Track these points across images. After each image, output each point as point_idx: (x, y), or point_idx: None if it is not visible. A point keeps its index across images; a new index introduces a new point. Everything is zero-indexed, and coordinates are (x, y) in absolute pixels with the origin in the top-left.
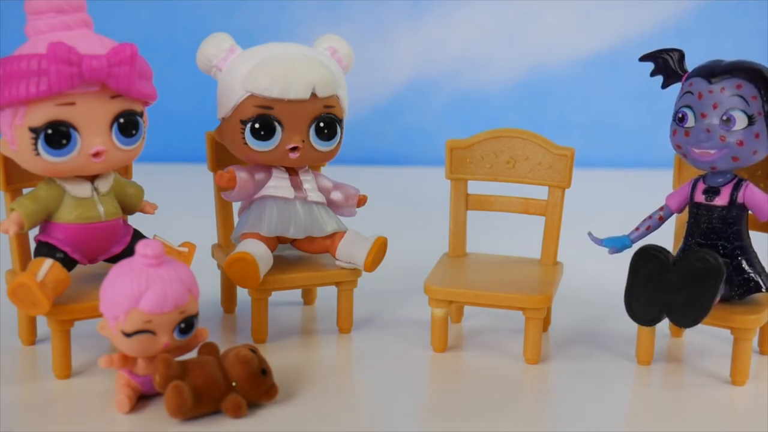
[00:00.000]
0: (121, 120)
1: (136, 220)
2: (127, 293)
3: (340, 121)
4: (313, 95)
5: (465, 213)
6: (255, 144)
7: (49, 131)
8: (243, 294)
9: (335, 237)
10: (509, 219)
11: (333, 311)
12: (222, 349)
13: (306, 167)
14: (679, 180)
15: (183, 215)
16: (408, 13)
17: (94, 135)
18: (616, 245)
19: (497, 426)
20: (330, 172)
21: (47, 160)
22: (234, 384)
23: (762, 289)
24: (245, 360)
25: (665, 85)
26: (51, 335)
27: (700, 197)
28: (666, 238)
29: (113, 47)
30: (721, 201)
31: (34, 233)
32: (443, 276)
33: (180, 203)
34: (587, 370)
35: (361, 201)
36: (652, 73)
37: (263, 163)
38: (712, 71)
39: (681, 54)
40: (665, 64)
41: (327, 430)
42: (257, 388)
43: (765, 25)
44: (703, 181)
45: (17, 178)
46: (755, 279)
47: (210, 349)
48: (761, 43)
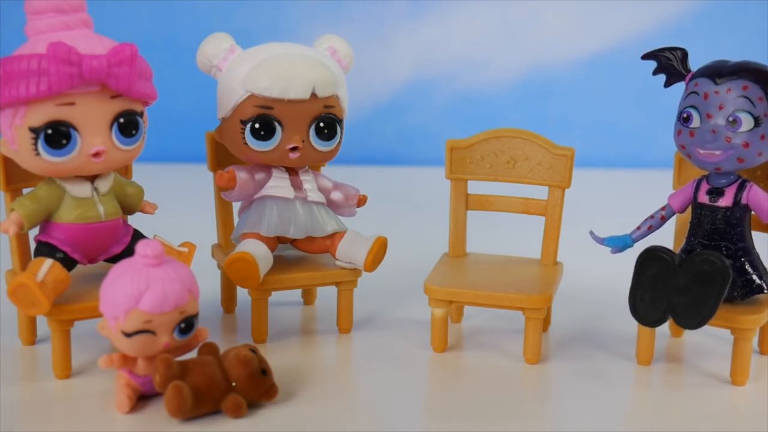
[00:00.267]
0: (121, 120)
1: (136, 220)
2: (127, 293)
3: (340, 121)
4: (313, 95)
5: (465, 213)
6: (255, 144)
7: (49, 131)
8: (243, 294)
9: (335, 237)
10: (509, 219)
11: (333, 311)
12: (222, 349)
13: (306, 167)
14: (679, 180)
15: (183, 215)
16: (408, 13)
17: (94, 135)
18: (617, 244)
19: (497, 426)
20: (330, 172)
21: (47, 160)
22: (234, 384)
23: (764, 291)
24: (245, 360)
25: (668, 84)
26: (51, 335)
27: (703, 198)
28: (666, 237)
29: (113, 47)
30: (725, 202)
31: (34, 233)
32: (443, 276)
33: (180, 203)
34: (587, 370)
35: (361, 201)
36: (654, 72)
37: (263, 163)
38: (718, 72)
39: (684, 53)
40: (668, 63)
41: (327, 430)
42: (257, 388)
43: (765, 25)
44: (707, 182)
45: (17, 178)
46: (757, 280)
47: (210, 349)
48: (761, 43)
